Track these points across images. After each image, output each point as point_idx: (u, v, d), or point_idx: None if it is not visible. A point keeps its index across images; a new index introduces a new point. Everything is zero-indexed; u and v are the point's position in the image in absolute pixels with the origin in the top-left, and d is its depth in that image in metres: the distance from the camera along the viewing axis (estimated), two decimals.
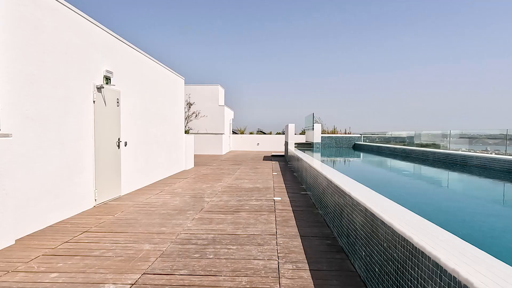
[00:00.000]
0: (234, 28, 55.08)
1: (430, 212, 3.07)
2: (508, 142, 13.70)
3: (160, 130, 10.02)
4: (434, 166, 13.96)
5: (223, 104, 24.09)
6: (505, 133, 13.92)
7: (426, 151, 15.30)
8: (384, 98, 55.32)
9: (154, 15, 55.34)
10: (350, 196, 3.73)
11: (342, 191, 4.10)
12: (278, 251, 3.90)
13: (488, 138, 15.92)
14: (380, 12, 52.65)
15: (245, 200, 6.87)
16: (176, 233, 4.59)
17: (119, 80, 7.32)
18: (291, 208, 6.17)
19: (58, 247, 3.97)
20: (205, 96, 23.53)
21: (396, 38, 52.33)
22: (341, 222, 4.19)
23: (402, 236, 2.29)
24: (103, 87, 6.49)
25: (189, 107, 22.55)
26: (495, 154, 13.05)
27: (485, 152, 14.21)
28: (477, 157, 11.78)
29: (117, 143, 7.18)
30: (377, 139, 23.78)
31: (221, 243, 4.16)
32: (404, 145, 19.91)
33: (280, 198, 7.11)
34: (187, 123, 21.67)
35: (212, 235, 4.50)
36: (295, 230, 4.76)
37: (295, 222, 5.22)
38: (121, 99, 7.39)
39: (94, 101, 6.25)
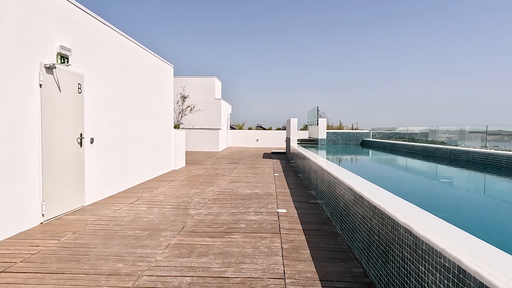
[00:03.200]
0: (232, 19, 53.22)
1: None
2: None
3: (142, 125, 8.50)
4: (473, 170, 10.78)
5: (220, 98, 22.53)
6: None
7: (456, 150, 12.49)
8: (387, 95, 53.69)
9: (149, 7, 53.46)
10: (411, 232, 2.25)
11: (390, 219, 2.61)
12: None
13: (493, 135, 14.54)
14: (387, 7, 50.83)
15: (241, 213, 5.38)
16: (136, 274, 3.10)
17: (82, 61, 5.79)
18: (300, 227, 4.69)
19: None
20: (200, 89, 21.97)
21: (400, 35, 50.59)
22: (386, 262, 2.71)
23: None
24: (55, 67, 4.96)
25: (184, 100, 21.00)
26: None
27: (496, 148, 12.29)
28: None
29: (79, 139, 5.67)
30: (387, 136, 22.19)
31: None
32: (406, 141, 18.34)
33: (285, 210, 5.62)
34: (181, 117, 20.15)
35: (188, 279, 3.01)
36: (311, 268, 3.27)
37: (309, 251, 3.73)
38: (85, 85, 5.86)
39: (41, 85, 4.73)
